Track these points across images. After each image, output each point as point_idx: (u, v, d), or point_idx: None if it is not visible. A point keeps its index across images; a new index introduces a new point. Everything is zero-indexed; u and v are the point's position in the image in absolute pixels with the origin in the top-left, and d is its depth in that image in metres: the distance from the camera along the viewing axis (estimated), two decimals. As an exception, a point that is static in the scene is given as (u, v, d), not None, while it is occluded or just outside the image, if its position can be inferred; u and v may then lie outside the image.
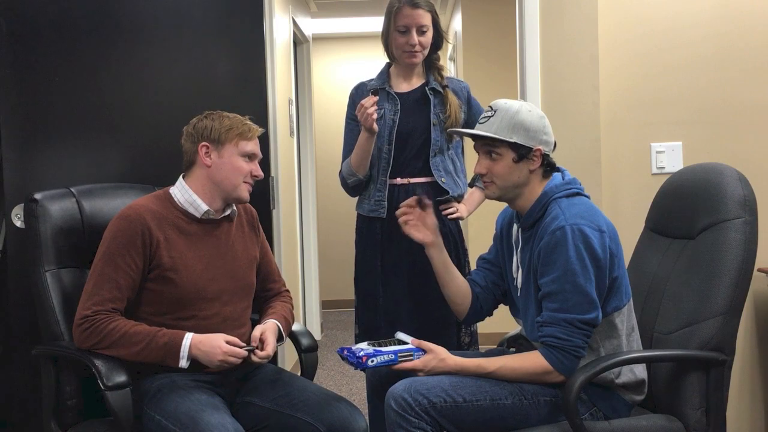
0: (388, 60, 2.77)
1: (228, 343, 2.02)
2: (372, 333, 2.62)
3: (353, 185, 2.69)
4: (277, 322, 2.21)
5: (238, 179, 2.14)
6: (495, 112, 2.00)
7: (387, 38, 2.69)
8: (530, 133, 1.97)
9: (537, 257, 1.94)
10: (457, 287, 2.21)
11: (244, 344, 2.08)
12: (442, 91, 2.68)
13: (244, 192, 2.17)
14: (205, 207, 2.15)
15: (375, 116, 2.51)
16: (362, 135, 2.58)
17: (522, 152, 1.98)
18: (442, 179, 2.66)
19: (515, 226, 2.10)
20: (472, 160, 2.13)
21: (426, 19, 2.63)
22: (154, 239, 2.07)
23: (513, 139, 1.97)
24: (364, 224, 2.73)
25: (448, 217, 2.67)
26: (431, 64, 2.73)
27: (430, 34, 2.66)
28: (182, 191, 2.16)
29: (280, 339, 2.20)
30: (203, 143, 2.13)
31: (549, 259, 1.90)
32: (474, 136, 2.04)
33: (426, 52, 2.68)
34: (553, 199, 1.97)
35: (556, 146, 2.06)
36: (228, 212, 2.22)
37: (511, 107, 2.00)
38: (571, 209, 1.93)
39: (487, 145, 2.02)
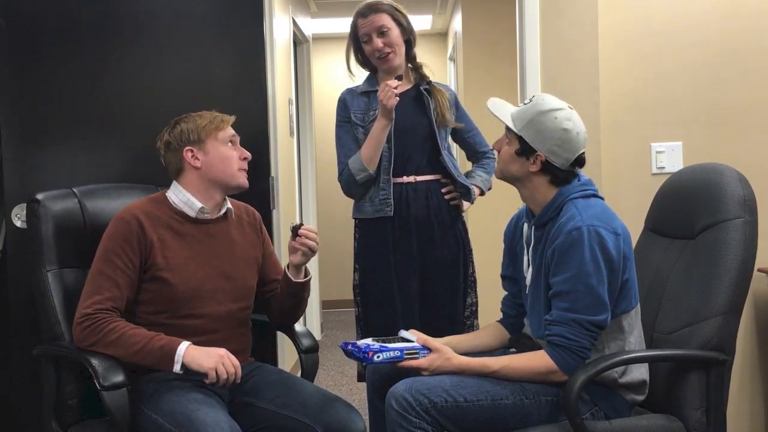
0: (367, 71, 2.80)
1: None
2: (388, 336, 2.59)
3: (363, 181, 2.65)
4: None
5: (232, 167, 2.18)
6: (531, 101, 2.01)
7: (356, 53, 2.73)
8: (539, 136, 1.96)
9: (550, 256, 1.93)
10: (488, 343, 2.21)
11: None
12: (429, 89, 2.72)
13: (242, 178, 2.21)
14: (199, 204, 2.17)
15: (397, 99, 2.53)
16: (378, 125, 2.58)
17: (524, 148, 1.98)
18: (457, 174, 2.71)
19: (526, 225, 2.10)
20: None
21: (383, 19, 2.66)
22: (148, 239, 2.09)
23: (520, 133, 1.97)
24: (370, 227, 2.70)
25: (451, 202, 2.72)
26: (410, 64, 2.75)
27: (394, 32, 2.67)
28: (177, 192, 2.19)
29: (306, 274, 2.27)
30: (186, 148, 2.16)
31: (563, 259, 1.89)
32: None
33: (400, 50, 2.69)
34: (569, 200, 1.97)
35: (582, 165, 2.02)
36: (223, 210, 2.22)
37: (542, 104, 1.98)
38: (588, 210, 1.92)
39: (506, 128, 2.03)
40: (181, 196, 2.17)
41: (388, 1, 2.70)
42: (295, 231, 2.19)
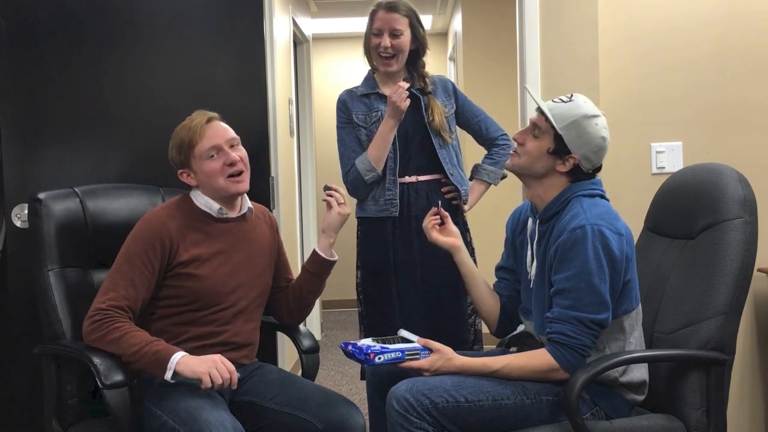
0: (369, 68, 2.80)
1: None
2: (387, 335, 2.59)
3: (371, 181, 2.66)
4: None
5: (217, 180, 2.17)
6: (571, 101, 1.99)
7: (367, 43, 2.72)
8: (580, 140, 1.95)
9: (554, 253, 1.94)
10: (482, 293, 2.24)
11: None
12: (426, 95, 2.72)
13: (233, 186, 2.18)
14: (217, 206, 2.21)
15: (409, 102, 2.55)
16: (386, 125, 2.59)
17: (559, 148, 1.97)
18: (451, 173, 2.70)
19: (530, 220, 2.10)
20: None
21: (401, 23, 2.66)
22: (174, 241, 2.12)
23: (561, 132, 1.96)
24: (371, 226, 2.71)
25: (453, 202, 2.72)
26: (416, 72, 2.75)
27: (405, 39, 2.67)
28: (196, 196, 2.23)
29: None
30: (180, 171, 2.21)
31: (566, 257, 1.90)
32: (538, 107, 2.02)
33: (402, 57, 2.69)
34: (576, 196, 1.97)
35: (599, 171, 2.03)
36: (243, 210, 2.26)
37: (585, 108, 1.97)
38: (592, 209, 1.92)
39: (536, 121, 2.01)
40: (201, 200, 2.22)
41: (411, 6, 2.70)
42: (328, 188, 2.28)
